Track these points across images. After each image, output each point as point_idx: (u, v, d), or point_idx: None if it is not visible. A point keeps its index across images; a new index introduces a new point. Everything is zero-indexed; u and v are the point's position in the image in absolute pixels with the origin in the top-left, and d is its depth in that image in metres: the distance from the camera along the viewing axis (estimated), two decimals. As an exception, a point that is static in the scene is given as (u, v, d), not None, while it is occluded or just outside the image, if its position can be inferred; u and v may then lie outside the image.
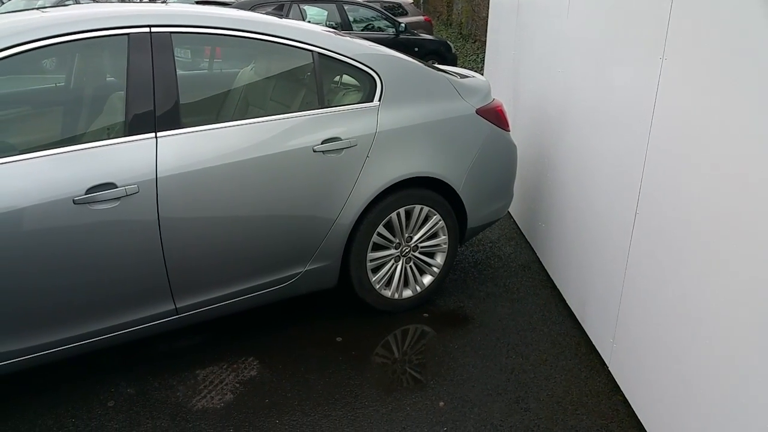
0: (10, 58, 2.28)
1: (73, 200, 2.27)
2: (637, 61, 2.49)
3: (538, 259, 3.96)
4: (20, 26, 2.36)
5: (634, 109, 2.50)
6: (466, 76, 3.57)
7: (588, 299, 3.08)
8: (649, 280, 2.39)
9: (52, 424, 2.43)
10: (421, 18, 12.99)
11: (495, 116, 3.34)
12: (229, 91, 3.14)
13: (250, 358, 2.87)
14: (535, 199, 3.97)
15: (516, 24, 4.71)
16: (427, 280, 3.29)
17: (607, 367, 2.84)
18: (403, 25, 9.74)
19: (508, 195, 3.55)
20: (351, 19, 9.38)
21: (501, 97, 4.90)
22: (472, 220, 3.32)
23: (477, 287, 3.60)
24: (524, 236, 4.32)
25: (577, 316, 3.25)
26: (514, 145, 3.49)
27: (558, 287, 3.56)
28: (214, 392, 2.64)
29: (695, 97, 2.05)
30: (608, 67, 2.82)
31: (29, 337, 2.33)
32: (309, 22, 6.93)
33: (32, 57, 2.38)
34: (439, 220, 3.18)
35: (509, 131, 3.46)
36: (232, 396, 2.61)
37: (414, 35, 9.86)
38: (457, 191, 3.16)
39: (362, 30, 9.39)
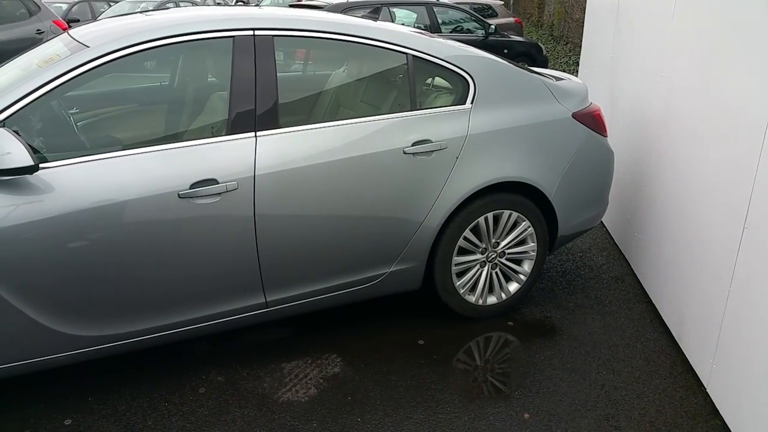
0: (123, 58, 2.42)
1: (178, 194, 2.38)
2: (750, 69, 2.32)
3: (633, 271, 3.78)
4: (133, 29, 2.51)
5: (746, 119, 2.33)
6: (561, 79, 3.46)
7: (686, 317, 2.90)
8: (758, 299, 2.22)
9: (147, 406, 2.57)
10: (511, 19, 12.74)
11: (592, 121, 3.22)
12: (321, 92, 3.21)
13: (333, 355, 2.91)
14: (631, 209, 3.79)
15: (615, 26, 4.52)
16: (513, 287, 3.22)
17: (705, 389, 2.66)
18: (492, 26, 9.60)
19: (602, 203, 3.42)
20: (440, 21, 9.34)
21: (597, 100, 4.72)
22: (564, 228, 3.21)
23: (565, 298, 3.49)
24: (618, 247, 4.14)
25: (674, 334, 3.07)
26: (611, 151, 3.35)
27: (653, 302, 3.39)
28: (298, 386, 2.70)
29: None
30: (716, 74, 2.64)
31: (131, 322, 2.47)
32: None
33: (143, 57, 2.52)
34: (529, 227, 3.10)
35: (606, 136, 3.33)
36: (315, 391, 2.66)
37: (504, 37, 9.69)
38: (549, 197, 3.07)
39: (451, 32, 9.33)
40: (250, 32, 2.58)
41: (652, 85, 3.52)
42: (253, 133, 2.54)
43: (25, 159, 2.11)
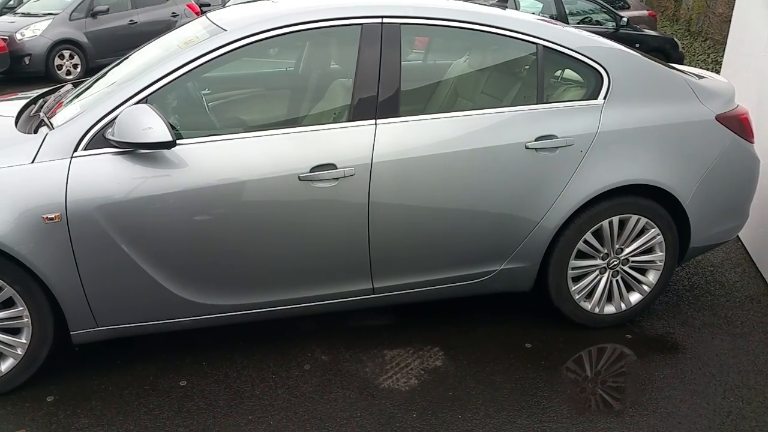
0: (256, 43, 2.50)
1: (299, 176, 2.44)
2: None
3: (770, 292, 3.43)
4: (268, 14, 2.59)
5: None
6: (704, 78, 3.18)
7: (837, 349, 2.58)
8: None
9: (256, 376, 2.67)
10: (644, 12, 11.96)
11: (738, 124, 2.93)
12: (440, 81, 3.16)
13: (436, 348, 2.88)
14: (775, 223, 3.43)
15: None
16: (634, 298, 3.01)
17: None
18: (625, 19, 9.06)
19: (742, 215, 3.11)
20: (567, 11, 8.95)
21: (743, 103, 4.30)
22: (697, 238, 2.95)
23: (692, 314, 3.22)
24: (754, 264, 3.77)
25: (818, 367, 2.74)
26: (758, 159, 3.04)
27: (794, 329, 3.05)
28: (399, 374, 2.69)
29: None
30: None
31: (246, 295, 2.57)
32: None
33: (275, 43, 2.60)
34: (658, 235, 2.88)
35: (753, 143, 3.02)
36: (416, 382, 2.64)
37: (636, 30, 9.13)
38: (683, 205, 2.84)
39: (578, 23, 8.92)
40: (378, 20, 2.58)
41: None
42: (373, 121, 2.55)
43: (164, 134, 2.24)
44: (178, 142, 2.34)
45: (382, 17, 2.58)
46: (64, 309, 2.39)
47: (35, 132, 2.45)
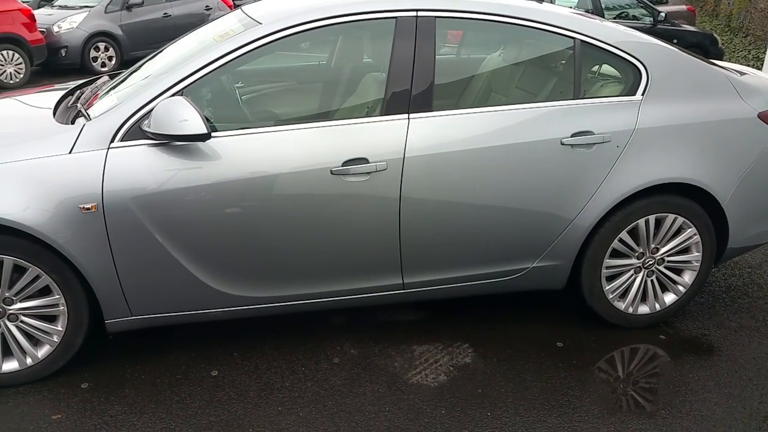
0: (290, 36, 2.50)
1: (331, 170, 2.44)
2: None
3: (812, 295, 3.32)
4: (303, 8, 2.58)
5: None
6: (746, 74, 3.09)
7: None
8: None
9: (286, 368, 2.69)
10: (683, 7, 11.68)
11: (782, 123, 2.84)
12: (473, 76, 3.12)
13: (465, 345, 2.86)
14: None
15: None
16: (669, 298, 2.95)
17: None
18: (662, 14, 8.86)
19: (783, 216, 3.02)
20: (603, 5, 8.79)
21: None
22: (735, 239, 2.88)
23: (728, 316, 3.14)
24: (795, 266, 3.66)
25: None
26: (801, 159, 2.94)
27: (837, 334, 2.95)
28: (428, 370, 2.68)
29: None
30: None
31: (277, 288, 2.59)
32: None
33: (309, 36, 2.59)
34: (695, 234, 2.81)
35: (797, 142, 2.92)
36: (445, 378, 2.63)
37: (674, 26, 8.93)
38: (722, 204, 2.77)
39: (614, 18, 8.76)
40: (413, 13, 2.56)
41: None
42: (406, 115, 2.53)
43: (200, 127, 2.26)
44: (211, 134, 2.35)
45: (417, 10, 2.56)
46: (99, 298, 2.44)
47: (73, 123, 2.50)
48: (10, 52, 8.79)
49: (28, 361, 2.50)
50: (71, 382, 2.56)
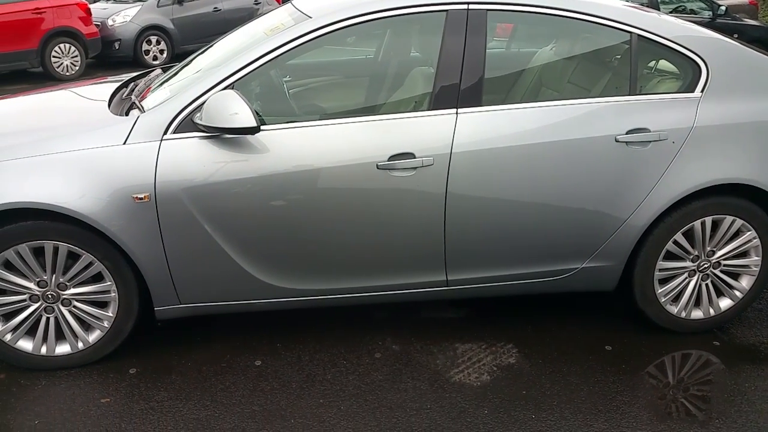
0: (340, 30, 2.49)
1: (377, 165, 2.43)
2: None
3: None
4: (352, 1, 2.57)
5: None
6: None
7: None
8: None
9: (328, 360, 2.69)
10: (744, 0, 11.23)
11: None
12: (524, 70, 3.06)
13: (509, 345, 2.81)
14: None
15: None
16: (724, 303, 2.83)
17: None
18: (723, 7, 8.53)
19: None
20: (658, -1, 8.52)
21: None
22: (799, 243, 2.74)
23: (788, 324, 3.01)
24: None
25: None
26: None
27: None
28: (471, 369, 2.65)
29: None
30: None
31: (321, 281, 2.60)
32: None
33: (358, 30, 2.58)
34: (754, 238, 2.69)
35: None
36: (488, 378, 2.59)
37: (735, 20, 8.58)
38: (785, 207, 2.64)
39: (671, 12, 8.47)
40: (464, 6, 2.52)
41: None
42: (454, 110, 2.50)
43: (250, 120, 2.28)
44: (260, 128, 2.37)
45: (468, 3, 2.52)
46: (149, 285, 2.49)
47: (127, 114, 2.55)
48: (67, 45, 9.11)
49: (80, 345, 2.57)
50: (120, 367, 2.63)
